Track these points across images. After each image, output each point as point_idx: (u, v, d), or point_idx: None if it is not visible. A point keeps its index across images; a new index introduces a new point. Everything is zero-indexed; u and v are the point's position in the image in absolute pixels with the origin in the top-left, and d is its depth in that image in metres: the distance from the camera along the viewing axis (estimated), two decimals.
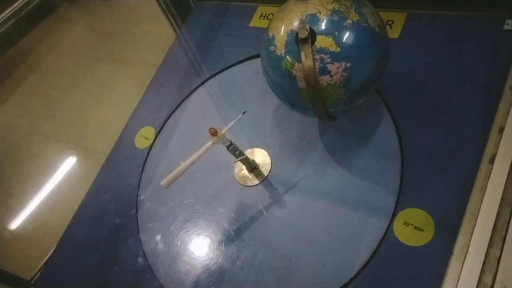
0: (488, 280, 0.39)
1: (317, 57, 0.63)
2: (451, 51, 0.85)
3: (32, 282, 1.04)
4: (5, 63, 2.25)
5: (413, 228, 0.69)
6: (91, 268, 0.96)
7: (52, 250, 1.07)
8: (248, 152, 0.92)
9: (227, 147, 0.79)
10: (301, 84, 0.66)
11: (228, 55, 1.14)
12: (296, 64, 0.65)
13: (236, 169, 0.91)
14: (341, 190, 0.80)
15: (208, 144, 0.74)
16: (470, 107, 0.76)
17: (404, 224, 0.70)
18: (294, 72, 0.66)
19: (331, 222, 0.77)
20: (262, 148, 0.92)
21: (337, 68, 0.63)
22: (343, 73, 0.64)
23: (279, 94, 0.76)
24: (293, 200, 0.83)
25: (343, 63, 0.63)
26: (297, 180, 0.85)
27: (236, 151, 0.81)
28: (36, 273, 1.07)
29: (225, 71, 1.11)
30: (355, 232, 0.74)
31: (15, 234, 1.34)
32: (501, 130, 0.52)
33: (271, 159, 0.90)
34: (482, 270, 0.39)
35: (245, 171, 0.90)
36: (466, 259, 0.41)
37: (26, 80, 2.14)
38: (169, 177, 0.71)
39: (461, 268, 0.39)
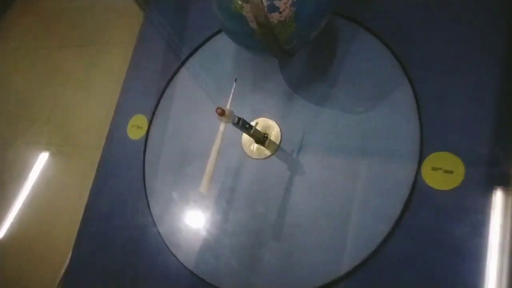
0: None
1: None
2: None
3: None
4: None
5: (442, 172, 0.68)
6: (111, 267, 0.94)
7: (69, 256, 1.03)
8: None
9: (236, 123, 0.75)
10: (253, 24, 0.69)
11: (205, 27, 1.05)
12: (245, 5, 0.66)
13: (245, 144, 0.87)
14: (360, 143, 0.77)
15: (221, 127, 0.70)
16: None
17: (432, 169, 0.69)
18: (244, 13, 0.68)
19: (356, 178, 0.75)
20: (265, 116, 0.88)
21: (284, 4, 0.65)
22: (291, 8, 0.66)
23: (234, 39, 0.79)
24: (312, 162, 0.80)
25: None
26: (311, 141, 0.82)
27: (246, 125, 0.77)
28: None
29: (206, 44, 1.03)
30: (382, 185, 0.72)
31: (24, 250, 1.29)
32: None
33: (278, 125, 0.86)
34: None
35: (255, 144, 0.86)
36: None
37: None
38: (204, 180, 0.67)
39: None
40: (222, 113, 0.69)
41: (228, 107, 0.73)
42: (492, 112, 0.68)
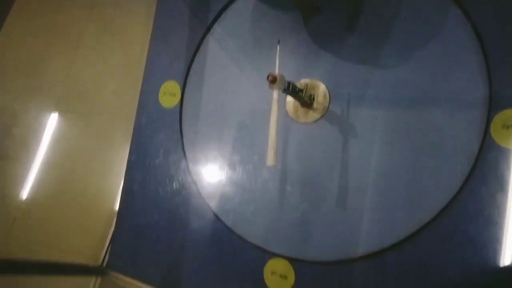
0: None
1: None
2: None
3: (104, 265, 1.02)
4: None
5: None
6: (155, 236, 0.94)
7: (111, 232, 1.04)
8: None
9: (285, 89, 0.70)
10: None
11: None
12: None
13: (290, 108, 0.83)
14: (421, 99, 0.72)
15: (275, 95, 0.66)
16: None
17: (504, 127, 0.64)
18: None
19: (419, 136, 0.70)
20: (306, 77, 0.82)
21: None
22: None
23: None
24: (369, 121, 0.75)
25: None
26: (364, 99, 0.76)
27: (296, 89, 0.72)
28: (105, 256, 1.05)
29: (230, 6, 0.95)
30: (448, 143, 0.68)
31: (67, 222, 1.30)
32: None
33: (324, 84, 0.80)
34: None
35: (301, 108, 0.81)
36: None
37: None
38: (270, 154, 0.65)
39: None
40: (274, 79, 0.64)
41: (276, 72, 0.68)
42: None
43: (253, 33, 0.90)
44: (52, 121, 1.51)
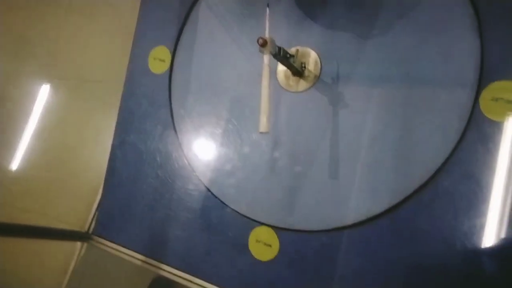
0: None
1: None
2: None
3: (90, 231, 1.02)
4: None
5: (505, 103, 0.63)
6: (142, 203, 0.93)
7: (97, 199, 1.04)
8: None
9: (277, 54, 0.68)
10: None
11: None
12: None
13: (280, 76, 0.81)
14: (410, 69, 0.71)
15: (265, 59, 0.64)
16: None
17: (493, 100, 0.64)
18: None
19: (405, 108, 0.70)
20: (297, 44, 0.80)
21: None
22: None
23: None
24: (358, 92, 0.74)
25: None
26: (355, 69, 0.75)
27: (287, 55, 0.71)
28: (91, 222, 1.05)
29: None
30: (435, 115, 0.67)
31: (56, 190, 1.29)
32: None
33: (316, 52, 0.79)
34: None
35: (291, 76, 0.80)
36: None
37: None
38: (262, 120, 0.63)
39: None
40: (264, 43, 0.63)
41: (266, 35, 0.66)
42: None
43: None
44: (41, 89, 1.49)
